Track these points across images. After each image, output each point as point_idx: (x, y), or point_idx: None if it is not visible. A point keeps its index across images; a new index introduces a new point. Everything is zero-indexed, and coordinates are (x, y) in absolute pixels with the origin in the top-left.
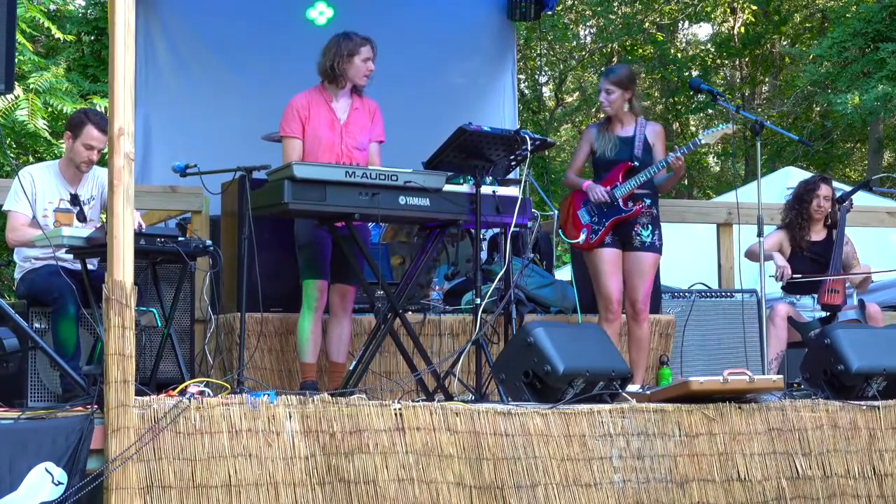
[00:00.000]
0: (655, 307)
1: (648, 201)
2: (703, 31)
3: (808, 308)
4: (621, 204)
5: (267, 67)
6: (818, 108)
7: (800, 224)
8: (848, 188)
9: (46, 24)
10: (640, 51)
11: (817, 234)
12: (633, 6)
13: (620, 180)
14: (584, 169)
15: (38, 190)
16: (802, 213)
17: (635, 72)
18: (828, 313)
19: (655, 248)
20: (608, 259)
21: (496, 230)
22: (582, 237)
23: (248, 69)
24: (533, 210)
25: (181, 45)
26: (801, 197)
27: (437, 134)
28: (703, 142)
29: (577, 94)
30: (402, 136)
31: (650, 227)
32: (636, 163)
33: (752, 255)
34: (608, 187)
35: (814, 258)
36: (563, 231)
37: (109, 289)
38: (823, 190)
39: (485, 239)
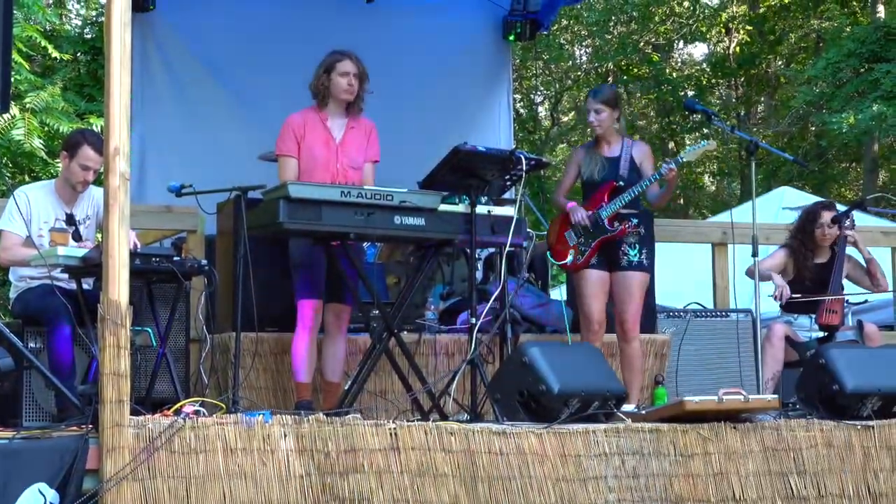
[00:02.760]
0: (650, 327)
1: (635, 220)
2: (699, 50)
3: (806, 328)
4: (607, 224)
5: (263, 86)
6: (813, 129)
7: (803, 252)
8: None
9: (43, 43)
10: (636, 70)
11: (822, 256)
12: (629, 26)
13: (606, 200)
14: (571, 190)
15: (34, 210)
16: (806, 243)
17: (620, 93)
18: (826, 333)
19: (643, 267)
20: (592, 280)
21: (491, 250)
22: (569, 258)
23: (244, 88)
24: (528, 230)
25: (177, 64)
26: (804, 227)
27: (433, 153)
28: (684, 159)
29: (572, 113)
30: (398, 155)
31: (637, 246)
32: (621, 182)
33: (750, 273)
34: (591, 211)
35: (815, 280)
36: (551, 252)
37: (105, 308)
38: (826, 217)
39: (480, 259)
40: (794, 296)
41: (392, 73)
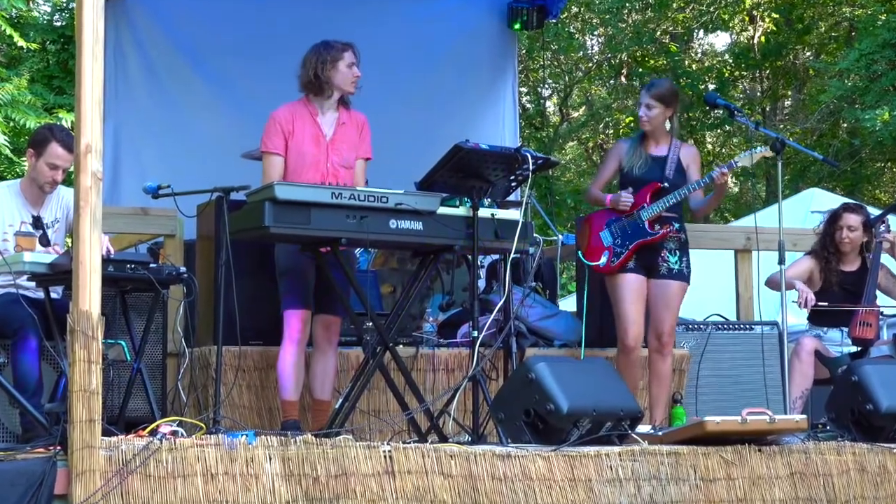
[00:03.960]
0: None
1: (677, 225)
2: (720, 40)
3: (837, 342)
4: (647, 226)
5: (248, 79)
6: (845, 125)
7: (826, 257)
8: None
9: (8, 31)
10: (652, 62)
11: (850, 263)
12: (645, 14)
13: (648, 201)
14: (609, 185)
15: None
16: (829, 247)
17: (678, 90)
18: (859, 348)
19: (683, 276)
20: (629, 285)
21: (495, 256)
22: (603, 260)
23: (227, 81)
24: (535, 235)
25: (155, 55)
26: (826, 229)
27: (431, 151)
28: (739, 164)
29: (583, 108)
30: (393, 154)
31: (678, 253)
32: (666, 184)
33: (772, 283)
34: (634, 211)
35: (847, 289)
36: (582, 253)
37: (74, 319)
38: (848, 219)
39: (482, 266)
40: (819, 304)
41: (386, 65)
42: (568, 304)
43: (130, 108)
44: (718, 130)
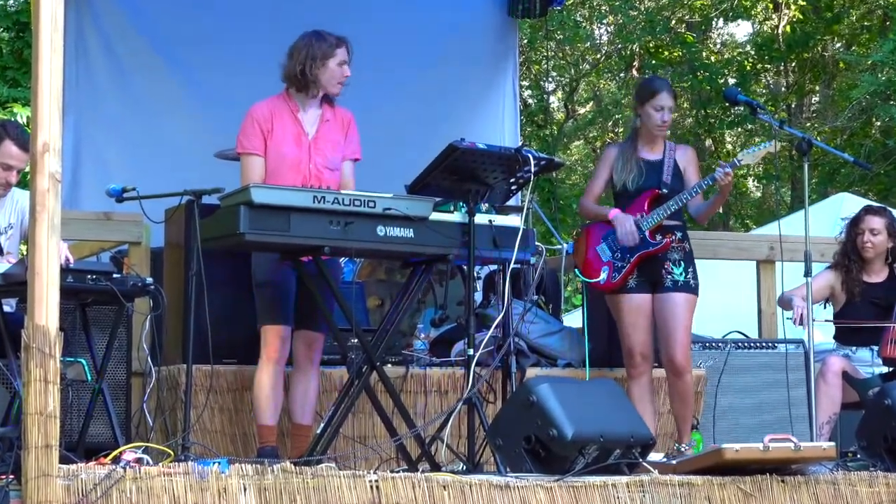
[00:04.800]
0: None
1: (679, 234)
2: (742, 30)
3: (867, 362)
4: (647, 237)
5: (222, 71)
6: (878, 123)
7: (848, 266)
8: None
9: None
10: (667, 54)
11: (876, 273)
12: (658, 0)
13: (646, 210)
14: (601, 196)
15: None
16: (849, 254)
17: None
18: (891, 368)
19: (690, 287)
20: (632, 307)
21: (493, 267)
22: (603, 276)
23: (199, 73)
24: (537, 243)
25: (120, 46)
26: (847, 235)
27: (423, 152)
28: (742, 162)
29: (590, 104)
30: (382, 154)
31: (682, 263)
32: (664, 190)
33: (783, 302)
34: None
35: (875, 303)
36: (579, 270)
37: (30, 335)
38: (870, 222)
39: (479, 277)
40: (842, 322)
41: (374, 57)
42: (573, 319)
43: (92, 103)
44: (739, 129)
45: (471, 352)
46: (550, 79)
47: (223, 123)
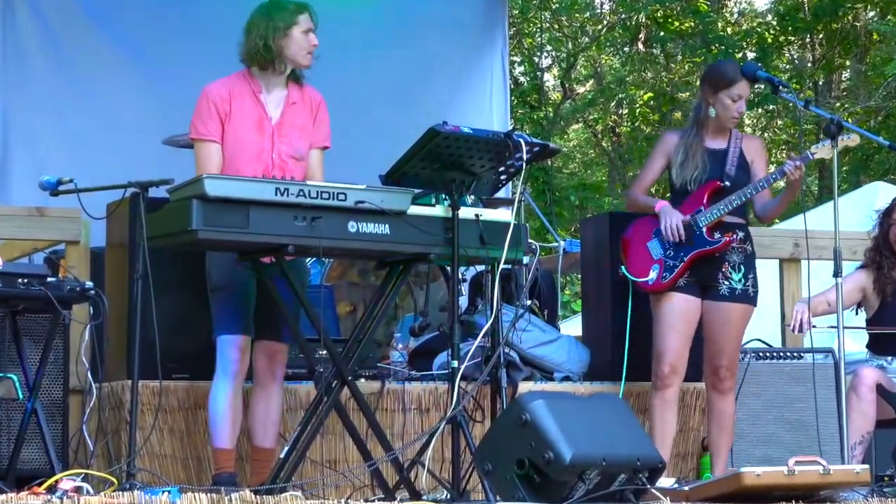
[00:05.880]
0: (694, 372)
1: (741, 233)
2: None
3: None
4: (705, 234)
5: (171, 46)
6: None
7: (879, 262)
8: None
9: None
10: (677, 24)
11: None
12: None
13: (706, 204)
14: (652, 186)
15: None
16: (882, 248)
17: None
18: None
19: (748, 297)
20: (675, 309)
21: (480, 268)
22: (652, 276)
23: (144, 48)
24: (530, 241)
25: (54, 16)
26: (880, 226)
27: (400, 137)
28: (816, 156)
29: (590, 82)
30: (354, 141)
31: (742, 268)
32: (727, 182)
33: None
34: (688, 215)
35: None
36: (626, 267)
37: None
38: None
39: (464, 280)
40: (874, 328)
41: (345, 33)
42: (571, 327)
43: (22, 84)
44: (759, 110)
45: (455, 364)
46: (545, 54)
47: (174, 106)
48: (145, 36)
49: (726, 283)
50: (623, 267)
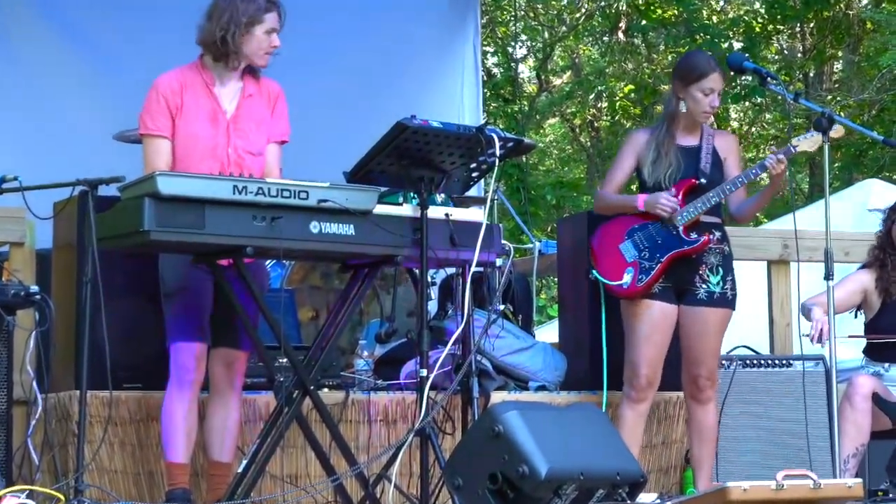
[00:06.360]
0: (675, 380)
1: (718, 233)
2: None
3: None
4: (682, 234)
5: (121, 35)
6: None
7: (882, 260)
8: None
9: None
10: (660, 12)
11: None
12: None
13: (681, 202)
14: (624, 188)
15: None
16: (886, 247)
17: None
18: None
19: (727, 301)
20: (652, 318)
21: (450, 271)
22: (626, 279)
23: (92, 37)
24: (503, 242)
25: None
26: (884, 222)
27: (366, 132)
28: (798, 149)
29: (568, 74)
30: (316, 135)
31: (721, 270)
32: (703, 180)
33: (806, 311)
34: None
35: None
36: (597, 271)
37: None
38: None
39: (434, 283)
40: (877, 336)
41: (308, 18)
42: (546, 333)
43: None
44: (746, 103)
45: (424, 373)
46: (520, 43)
47: (124, 99)
48: (95, 28)
49: (704, 286)
50: (594, 270)
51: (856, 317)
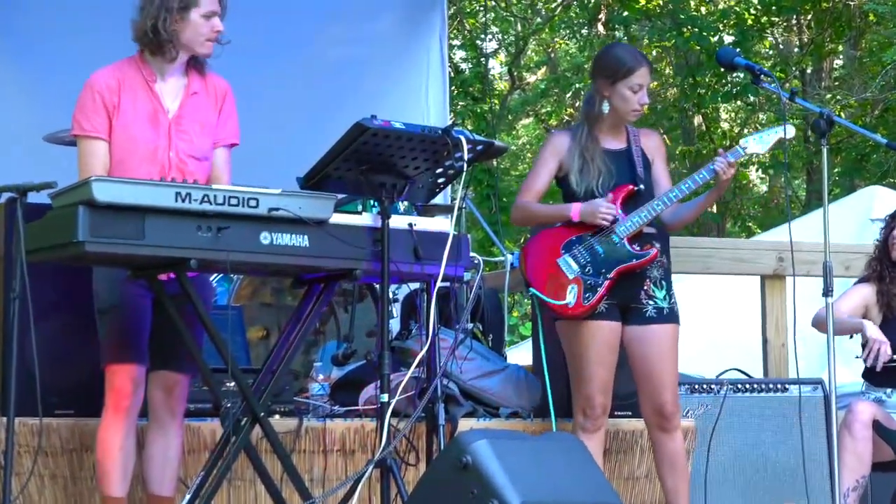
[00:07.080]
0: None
1: (658, 244)
2: None
3: None
4: (627, 246)
5: (55, 32)
6: None
7: (879, 272)
8: None
9: None
10: (643, 2)
11: None
12: None
13: (621, 211)
14: (544, 197)
15: None
16: (884, 260)
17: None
18: None
19: (675, 315)
20: (601, 337)
21: (414, 286)
22: (570, 298)
23: (21, 32)
24: (472, 254)
25: None
26: (882, 232)
27: (321, 134)
28: (748, 150)
29: (543, 70)
30: (267, 138)
31: (664, 284)
32: (641, 186)
33: (821, 324)
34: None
35: None
36: (538, 290)
37: None
38: None
39: (396, 300)
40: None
41: (259, 14)
42: (519, 354)
43: None
44: (738, 102)
45: (385, 398)
46: (490, 36)
47: (56, 97)
48: (25, 23)
49: (651, 302)
50: (532, 288)
51: (850, 337)
